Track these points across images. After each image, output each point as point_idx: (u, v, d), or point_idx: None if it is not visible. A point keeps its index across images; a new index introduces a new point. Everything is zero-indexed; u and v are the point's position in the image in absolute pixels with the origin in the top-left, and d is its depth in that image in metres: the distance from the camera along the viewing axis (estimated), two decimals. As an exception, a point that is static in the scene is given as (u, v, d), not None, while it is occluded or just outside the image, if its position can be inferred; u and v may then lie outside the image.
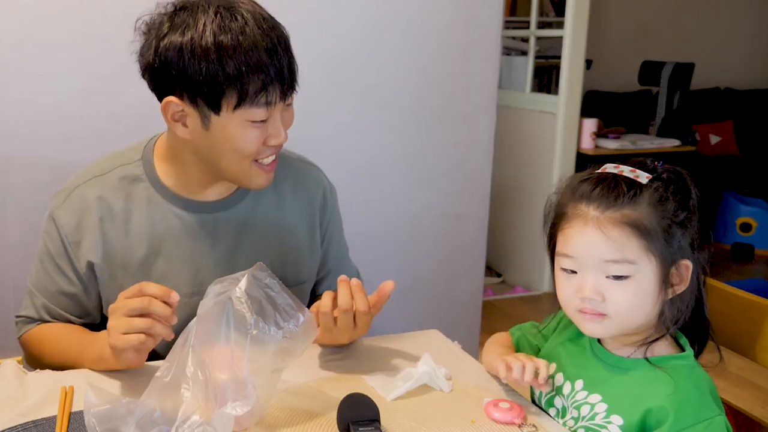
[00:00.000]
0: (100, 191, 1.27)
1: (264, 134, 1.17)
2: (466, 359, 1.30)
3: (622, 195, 1.02)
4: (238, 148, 1.17)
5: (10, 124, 1.56)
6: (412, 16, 1.86)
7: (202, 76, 1.10)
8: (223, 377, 0.97)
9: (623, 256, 1.01)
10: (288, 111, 1.21)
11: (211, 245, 1.29)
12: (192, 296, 1.26)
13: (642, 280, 1.02)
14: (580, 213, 1.04)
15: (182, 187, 1.28)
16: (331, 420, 1.03)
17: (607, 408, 1.06)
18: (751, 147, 5.25)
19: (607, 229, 1.01)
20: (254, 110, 1.13)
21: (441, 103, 1.93)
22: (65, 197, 1.28)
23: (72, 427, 1.01)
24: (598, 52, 4.91)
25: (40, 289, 1.31)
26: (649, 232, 1.01)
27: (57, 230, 1.27)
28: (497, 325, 3.61)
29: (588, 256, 1.03)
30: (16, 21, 1.53)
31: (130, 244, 1.27)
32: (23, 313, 1.34)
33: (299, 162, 1.42)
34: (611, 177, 1.05)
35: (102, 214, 1.26)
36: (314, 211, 1.40)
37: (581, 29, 3.74)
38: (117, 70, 1.61)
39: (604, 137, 4.17)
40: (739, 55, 5.61)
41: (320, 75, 1.79)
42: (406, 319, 1.53)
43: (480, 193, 2.04)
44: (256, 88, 1.11)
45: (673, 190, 1.04)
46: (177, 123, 1.18)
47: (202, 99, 1.13)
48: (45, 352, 1.28)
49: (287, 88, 1.16)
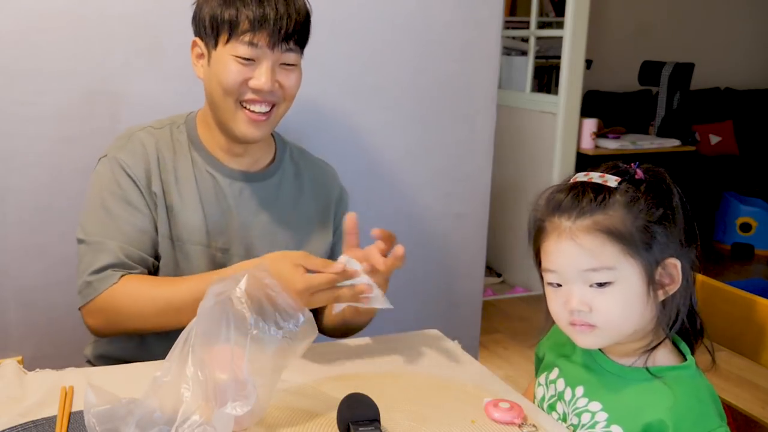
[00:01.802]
0: (157, 138, 1.38)
1: (247, 73, 1.27)
2: (466, 359, 1.30)
3: (591, 202, 1.01)
4: (221, 81, 1.28)
5: (10, 124, 1.56)
6: (411, 16, 1.86)
7: (209, 14, 1.27)
8: (223, 377, 0.97)
9: (600, 263, 1.00)
10: (288, 71, 1.31)
11: (235, 211, 1.38)
12: (218, 251, 1.37)
13: (626, 285, 1.01)
14: (555, 226, 1.04)
15: (216, 150, 1.39)
16: (331, 420, 1.03)
17: (607, 417, 1.05)
18: (751, 147, 5.25)
19: (580, 239, 1.01)
20: (239, 46, 1.26)
21: (441, 103, 1.93)
22: (125, 142, 1.36)
23: (72, 427, 1.01)
24: (598, 52, 4.91)
25: (110, 235, 1.28)
26: (623, 236, 1.00)
27: (123, 170, 1.33)
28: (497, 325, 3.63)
29: (568, 268, 1.03)
30: (17, 21, 1.53)
31: (179, 190, 1.35)
32: (97, 266, 1.26)
33: (320, 161, 1.53)
34: (580, 185, 1.04)
35: (159, 156, 1.36)
36: (330, 204, 1.49)
37: (581, 29, 3.74)
38: (117, 70, 1.61)
39: (604, 137, 4.17)
40: (739, 55, 5.61)
41: (320, 75, 1.79)
42: (406, 319, 1.53)
43: (480, 193, 2.04)
44: (245, 27, 1.25)
45: (645, 189, 1.03)
46: (198, 62, 1.34)
47: (208, 36, 1.29)
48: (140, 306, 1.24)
49: (276, 39, 1.26)
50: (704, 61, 5.05)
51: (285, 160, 1.46)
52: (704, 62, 5.03)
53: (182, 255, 1.35)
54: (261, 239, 1.39)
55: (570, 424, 1.10)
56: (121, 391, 1.13)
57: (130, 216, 1.31)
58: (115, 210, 1.30)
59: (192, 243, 1.35)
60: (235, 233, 1.38)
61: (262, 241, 1.39)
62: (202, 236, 1.36)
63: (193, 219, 1.36)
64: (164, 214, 1.34)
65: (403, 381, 1.20)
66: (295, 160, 1.48)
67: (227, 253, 1.38)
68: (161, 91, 1.65)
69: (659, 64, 4.55)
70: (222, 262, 1.37)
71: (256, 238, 1.39)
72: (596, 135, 4.03)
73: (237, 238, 1.38)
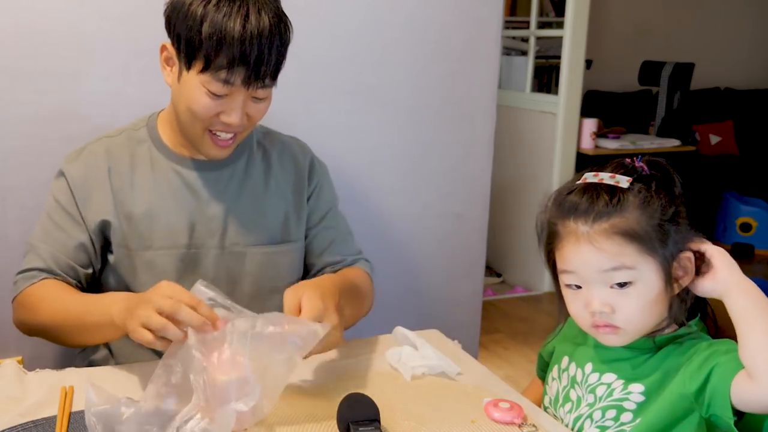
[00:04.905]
0: (108, 147, 1.38)
1: (218, 108, 1.25)
2: (466, 359, 1.30)
3: (606, 204, 1.02)
4: (191, 109, 1.26)
5: (10, 124, 1.56)
6: (411, 16, 1.86)
7: (185, 34, 1.22)
8: (224, 378, 0.97)
9: (621, 263, 1.01)
10: (257, 103, 1.29)
11: (207, 202, 1.37)
12: (189, 248, 1.36)
13: (646, 284, 1.02)
14: (570, 230, 1.04)
15: (180, 146, 1.38)
16: (331, 420, 1.03)
17: (624, 381, 1.07)
18: (751, 147, 5.25)
19: (599, 243, 1.02)
20: (214, 82, 1.23)
21: (441, 103, 1.93)
22: (76, 155, 1.38)
23: (72, 427, 1.01)
24: (598, 52, 4.91)
25: (47, 241, 1.33)
26: (640, 236, 1.01)
27: (67, 183, 1.34)
28: (497, 325, 3.63)
29: (588, 270, 1.04)
30: (17, 21, 1.53)
31: (134, 197, 1.35)
32: (27, 267, 1.32)
33: (288, 137, 1.51)
34: (593, 187, 1.05)
35: (110, 165, 1.36)
36: (302, 176, 1.46)
37: (581, 29, 3.74)
38: (117, 70, 1.61)
39: (604, 137, 4.17)
40: (739, 55, 5.61)
41: (320, 75, 1.79)
42: (406, 319, 1.53)
43: (480, 193, 2.04)
44: (221, 63, 1.20)
45: (656, 187, 1.04)
46: (166, 66, 1.30)
47: (181, 53, 1.25)
48: (44, 309, 1.27)
49: (252, 78, 1.22)
50: (704, 61, 5.05)
51: (250, 142, 1.43)
52: (704, 62, 5.02)
53: (142, 262, 1.34)
54: (236, 225, 1.38)
55: (585, 404, 1.11)
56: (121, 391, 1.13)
57: (67, 226, 1.34)
58: (55, 218, 1.35)
59: (155, 248, 1.34)
60: (207, 226, 1.36)
61: (237, 227, 1.38)
62: (168, 239, 1.35)
63: (156, 223, 1.35)
64: (117, 223, 1.34)
65: (403, 381, 1.20)
66: (260, 141, 1.45)
67: (201, 248, 1.36)
68: (161, 91, 1.64)
69: (659, 64, 4.54)
70: (193, 261, 1.36)
71: (231, 225, 1.38)
72: (596, 135, 4.03)
73: (210, 230, 1.36)
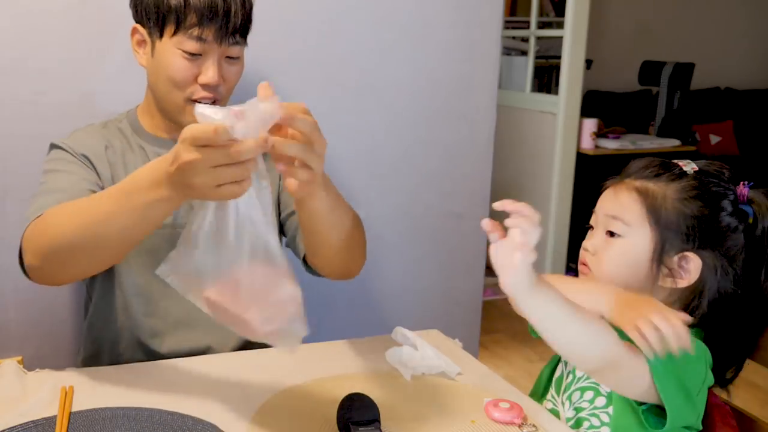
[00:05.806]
0: (100, 131, 1.39)
1: (196, 69, 1.26)
2: (466, 359, 1.30)
3: (658, 172, 1.09)
4: (170, 76, 1.26)
5: (10, 124, 1.56)
6: (411, 16, 1.86)
7: (153, 3, 1.24)
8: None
9: (621, 215, 1.08)
10: (231, 65, 1.29)
11: None
12: (174, 228, 1.35)
13: (632, 245, 1.06)
14: (618, 180, 1.13)
15: (161, 131, 1.39)
16: (331, 420, 1.03)
17: None
18: (751, 147, 5.25)
19: (620, 191, 1.09)
20: (187, 41, 1.23)
21: (441, 103, 1.93)
22: (69, 135, 1.38)
23: (72, 427, 1.01)
24: (598, 52, 4.91)
25: (55, 190, 1.24)
26: (655, 207, 1.05)
27: (68, 150, 1.32)
28: (497, 325, 3.63)
29: (599, 211, 1.12)
30: (16, 21, 1.53)
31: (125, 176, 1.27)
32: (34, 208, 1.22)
33: None
34: (661, 160, 1.12)
35: (106, 143, 1.37)
36: None
37: (581, 29, 3.74)
38: (117, 70, 1.61)
39: (604, 137, 4.17)
40: (739, 55, 5.60)
41: (319, 74, 1.79)
42: (406, 319, 1.53)
43: (480, 193, 2.03)
44: (192, 21, 1.22)
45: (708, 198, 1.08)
46: (138, 49, 1.32)
47: (150, 24, 1.26)
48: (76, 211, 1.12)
49: (224, 33, 1.24)
50: (704, 61, 5.05)
51: None
52: (704, 62, 5.02)
53: None
54: None
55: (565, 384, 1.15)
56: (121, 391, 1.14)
57: (75, 170, 1.29)
58: (63, 168, 1.29)
59: None
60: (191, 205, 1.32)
61: None
62: None
63: None
64: None
65: (403, 381, 1.20)
66: None
67: None
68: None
69: (659, 64, 4.54)
70: None
71: None
72: (596, 135, 4.02)
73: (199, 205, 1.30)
